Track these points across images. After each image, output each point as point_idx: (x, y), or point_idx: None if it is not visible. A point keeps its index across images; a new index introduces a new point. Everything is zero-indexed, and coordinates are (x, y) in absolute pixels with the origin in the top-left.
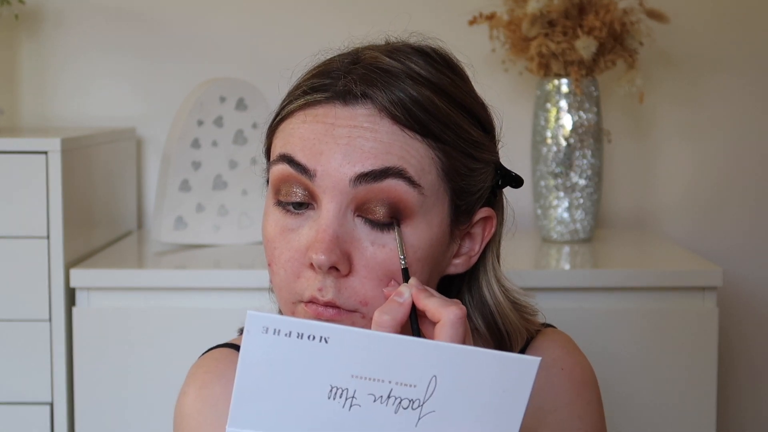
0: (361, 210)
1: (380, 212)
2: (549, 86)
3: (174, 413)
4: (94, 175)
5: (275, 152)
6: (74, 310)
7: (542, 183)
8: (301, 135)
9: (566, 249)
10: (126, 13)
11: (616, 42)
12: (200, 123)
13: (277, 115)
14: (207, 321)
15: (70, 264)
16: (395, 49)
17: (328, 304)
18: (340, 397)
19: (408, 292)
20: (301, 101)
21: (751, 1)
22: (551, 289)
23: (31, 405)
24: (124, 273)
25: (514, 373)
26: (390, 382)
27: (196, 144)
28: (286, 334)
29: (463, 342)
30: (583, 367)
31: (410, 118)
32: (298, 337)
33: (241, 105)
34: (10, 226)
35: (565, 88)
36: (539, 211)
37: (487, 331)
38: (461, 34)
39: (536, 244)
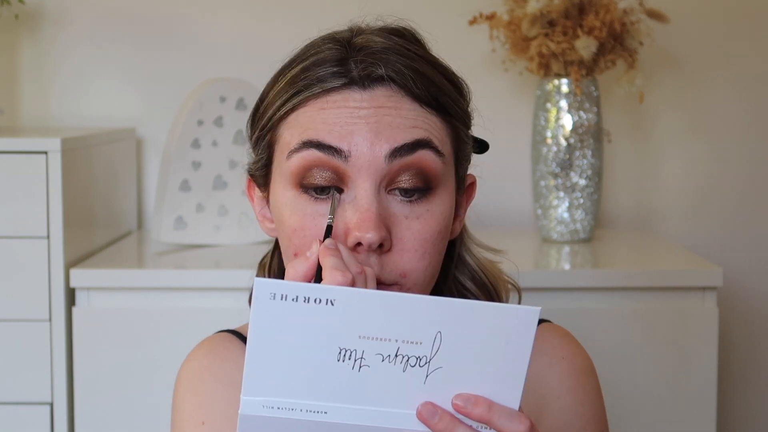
0: (392, 184)
1: (412, 183)
2: (549, 86)
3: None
4: (94, 175)
5: (291, 142)
6: (74, 310)
7: (542, 183)
8: (324, 120)
9: (566, 249)
10: (126, 13)
11: (616, 42)
12: (200, 123)
13: (278, 108)
14: (207, 321)
15: (70, 264)
16: (381, 31)
17: None
18: (350, 358)
19: (316, 248)
20: (315, 90)
21: (751, 1)
22: (551, 289)
23: (31, 405)
24: (124, 273)
25: (516, 324)
26: (396, 340)
27: (196, 144)
28: (293, 299)
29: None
30: (583, 357)
31: (428, 94)
32: (304, 301)
33: (241, 105)
34: (10, 226)
35: (565, 88)
36: (539, 211)
37: (476, 288)
38: (461, 34)
39: (536, 244)
